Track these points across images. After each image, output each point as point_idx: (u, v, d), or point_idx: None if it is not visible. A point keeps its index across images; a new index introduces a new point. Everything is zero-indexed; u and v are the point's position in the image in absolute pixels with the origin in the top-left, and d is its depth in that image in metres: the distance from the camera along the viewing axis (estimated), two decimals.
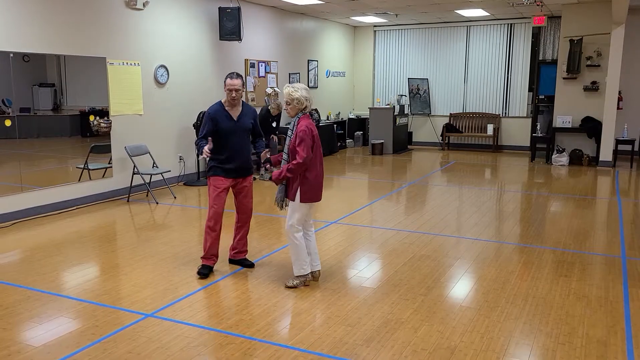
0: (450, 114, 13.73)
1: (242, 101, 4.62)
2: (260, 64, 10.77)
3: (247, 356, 3.23)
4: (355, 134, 14.01)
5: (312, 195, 4.20)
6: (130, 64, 7.85)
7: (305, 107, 4.16)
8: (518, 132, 13.22)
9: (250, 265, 4.81)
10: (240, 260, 4.84)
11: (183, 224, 6.33)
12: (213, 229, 4.52)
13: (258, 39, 10.69)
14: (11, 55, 6.32)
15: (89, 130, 7.58)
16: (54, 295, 4.16)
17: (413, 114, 13.90)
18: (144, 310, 3.87)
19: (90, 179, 7.49)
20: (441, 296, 4.19)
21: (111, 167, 7.77)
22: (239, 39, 9.29)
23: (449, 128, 13.58)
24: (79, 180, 7.38)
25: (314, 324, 3.68)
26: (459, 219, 6.69)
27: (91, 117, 7.51)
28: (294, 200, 4.19)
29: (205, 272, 4.54)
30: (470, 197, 8.01)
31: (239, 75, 4.47)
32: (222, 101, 4.54)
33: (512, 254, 5.26)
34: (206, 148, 4.33)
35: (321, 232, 6.00)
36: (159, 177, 8.09)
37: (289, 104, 4.15)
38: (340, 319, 3.75)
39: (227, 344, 3.39)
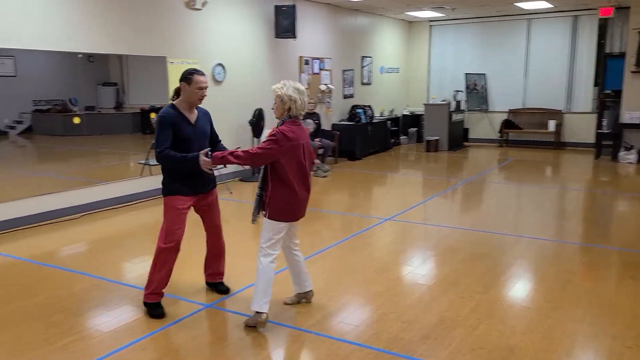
0: (509, 109, 13.34)
1: None
2: (314, 61, 10.83)
3: (304, 348, 3.27)
4: (409, 130, 13.85)
5: (284, 213, 3.51)
6: (190, 63, 8.06)
7: (290, 108, 3.46)
8: (582, 128, 12.68)
9: (225, 291, 4.10)
10: (215, 284, 4.17)
11: (239, 218, 6.46)
12: (169, 259, 3.74)
13: (312, 36, 10.75)
14: (79, 56, 6.63)
15: (149, 127, 7.86)
16: (119, 284, 4.35)
17: (470, 110, 13.60)
18: (204, 300, 3.98)
19: (151, 174, 7.76)
20: (500, 295, 4.10)
21: None
22: (294, 36, 9.37)
23: (507, 124, 13.20)
24: (141, 175, 7.66)
25: (370, 319, 3.68)
26: (518, 218, 6.51)
27: (152, 115, 7.78)
28: (265, 214, 3.54)
29: (158, 312, 3.70)
30: (530, 196, 7.77)
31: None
32: (175, 104, 3.71)
33: (574, 254, 5.08)
34: (203, 156, 3.51)
35: (375, 229, 5.99)
36: (216, 173, 8.27)
37: (275, 103, 3.52)
38: (395, 315, 3.73)
39: (286, 335, 3.44)
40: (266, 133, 8.92)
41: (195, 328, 3.53)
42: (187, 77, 3.64)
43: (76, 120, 6.87)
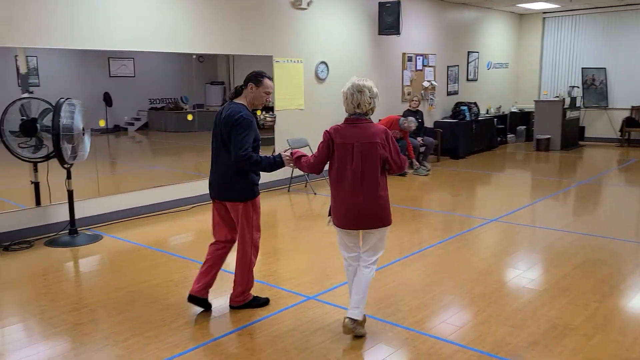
0: (632, 106, 12.26)
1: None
2: (418, 57, 10.66)
3: (405, 346, 3.24)
4: (518, 128, 13.20)
5: (338, 218, 3.30)
6: (294, 61, 8.28)
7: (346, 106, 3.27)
8: None
9: (209, 307, 3.79)
10: (199, 299, 3.77)
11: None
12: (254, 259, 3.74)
13: (416, 32, 10.58)
14: (194, 56, 7.04)
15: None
16: (227, 272, 4.55)
17: (586, 107, 12.69)
18: (306, 292, 4.07)
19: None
20: (619, 305, 3.79)
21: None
22: (398, 33, 9.28)
23: (629, 122, 12.15)
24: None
25: (474, 320, 3.56)
26: None
27: (258, 112, 8.07)
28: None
29: (264, 299, 3.86)
30: None
31: None
32: (244, 104, 3.57)
33: None
34: (286, 155, 3.50)
35: (479, 230, 5.78)
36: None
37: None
38: (502, 318, 3.58)
39: (386, 331, 3.43)
40: None
41: (298, 319, 3.62)
42: (258, 79, 3.54)
43: (189, 117, 7.30)
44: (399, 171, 3.34)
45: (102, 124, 6.36)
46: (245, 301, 3.81)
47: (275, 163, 3.49)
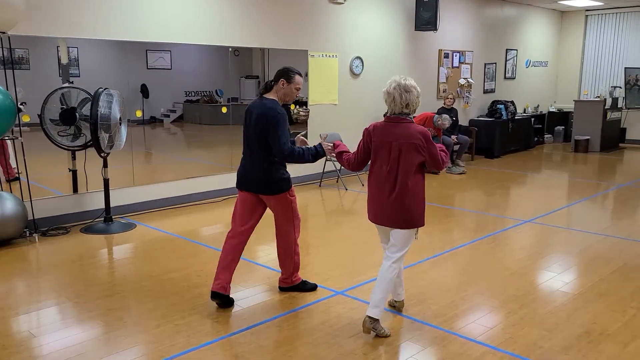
0: None
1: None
2: (454, 54, 10.50)
3: (434, 344, 3.20)
4: (556, 128, 12.88)
5: (369, 212, 3.36)
6: (329, 56, 8.26)
7: (389, 106, 3.28)
8: None
9: (313, 287, 4.00)
10: (293, 287, 4.02)
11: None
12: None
13: (453, 28, 10.42)
14: (230, 49, 7.10)
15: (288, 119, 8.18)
16: (257, 264, 4.60)
17: (628, 108, 12.29)
18: (335, 287, 4.06)
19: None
20: None
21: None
22: (435, 29, 9.15)
23: None
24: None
25: (505, 322, 3.49)
26: None
27: (292, 106, 8.09)
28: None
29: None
30: None
31: None
32: (275, 99, 3.63)
33: None
34: (326, 143, 3.60)
35: (513, 231, 5.66)
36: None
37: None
38: (534, 321, 3.50)
39: (414, 329, 3.39)
40: None
41: (325, 313, 3.62)
42: (290, 75, 3.59)
43: (224, 110, 7.37)
44: (439, 168, 3.31)
45: (138, 114, 6.47)
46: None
47: (318, 153, 3.59)
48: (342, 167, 8.08)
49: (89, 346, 3.17)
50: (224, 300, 3.69)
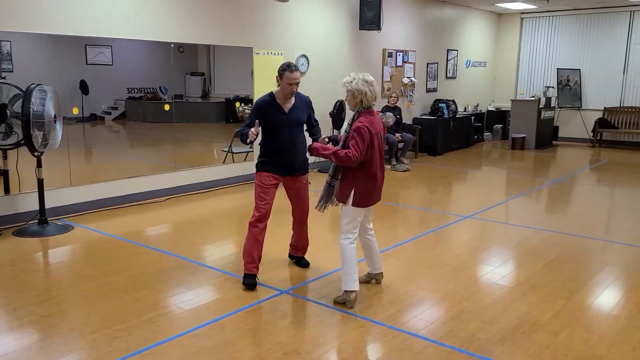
0: (605, 107, 12.52)
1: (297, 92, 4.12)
2: (398, 53, 10.69)
3: (377, 340, 3.26)
4: (494, 127, 13.36)
5: (366, 199, 3.69)
6: (274, 54, 8.23)
7: (361, 100, 3.62)
8: None
9: (306, 265, 4.45)
10: (297, 258, 4.54)
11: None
12: (254, 230, 4.05)
13: (397, 28, 10.61)
14: (172, 45, 6.94)
15: (232, 116, 8.10)
16: (201, 265, 4.53)
17: (561, 107, 12.90)
18: (280, 287, 4.06)
19: (233, 161, 8.01)
20: (586, 302, 3.87)
21: (252, 151, 8.24)
22: (379, 28, 9.28)
23: (602, 123, 12.39)
24: (224, 162, 7.92)
25: (445, 316, 3.60)
26: (610, 222, 6.11)
27: (237, 104, 8.02)
28: (345, 203, 3.68)
29: (250, 282, 4.00)
30: (625, 199, 7.26)
31: (297, 68, 4.02)
32: (274, 92, 4.06)
33: None
34: (252, 129, 3.85)
35: (454, 226, 5.84)
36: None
37: (347, 95, 3.71)
38: (473, 314, 3.62)
39: (358, 327, 3.44)
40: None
41: (270, 313, 3.61)
42: (280, 72, 3.95)
43: (166, 107, 7.20)
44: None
45: (75, 111, 6.23)
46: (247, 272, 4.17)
47: (243, 136, 3.95)
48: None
49: (20, 356, 3.03)
50: (253, 282, 4.03)
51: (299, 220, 4.37)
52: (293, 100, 4.08)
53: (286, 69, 3.92)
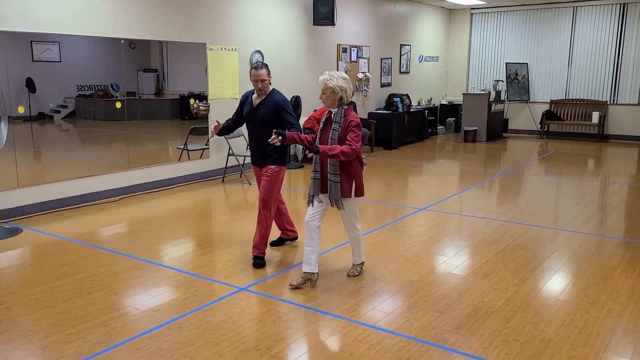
0: (551, 100, 12.99)
1: (274, 90, 4.43)
2: (352, 48, 10.77)
3: (335, 333, 3.29)
4: (447, 120, 13.66)
5: (363, 187, 4.00)
6: (228, 50, 8.15)
7: (341, 97, 3.82)
8: (627, 120, 12.26)
9: (293, 239, 5.01)
10: (285, 239, 5.02)
11: None
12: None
13: (351, 23, 10.68)
14: (122, 41, 6.77)
15: (187, 113, 7.98)
16: (157, 265, 4.46)
17: (510, 100, 13.31)
18: (238, 284, 4.04)
19: (189, 159, 7.90)
20: (536, 288, 4.02)
21: (208, 148, 8.15)
22: (333, 23, 9.33)
23: (549, 115, 12.86)
24: (179, 160, 7.80)
25: (401, 307, 3.67)
26: (557, 211, 6.36)
27: (191, 101, 7.90)
28: (350, 196, 3.91)
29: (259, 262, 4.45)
30: (571, 189, 7.57)
31: (264, 65, 4.31)
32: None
33: (616, 249, 4.93)
34: (212, 127, 4.46)
35: (410, 218, 5.95)
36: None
37: (323, 93, 3.84)
38: (428, 304, 3.71)
39: (316, 320, 3.47)
40: (303, 120, 8.95)
41: (228, 310, 3.60)
42: (250, 70, 4.36)
43: (118, 105, 7.03)
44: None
45: (21, 110, 6.00)
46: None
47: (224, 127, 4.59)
48: (245, 163, 8.06)
49: None
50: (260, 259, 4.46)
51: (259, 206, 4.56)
52: (265, 97, 4.39)
53: (253, 67, 4.32)
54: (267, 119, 4.34)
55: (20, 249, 4.88)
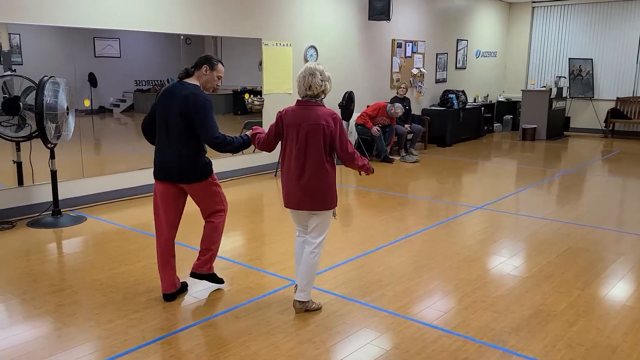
0: (618, 98, 12.39)
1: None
2: (407, 44, 10.63)
3: (390, 330, 3.26)
4: (504, 117, 13.27)
5: (283, 197, 3.46)
6: (283, 45, 8.20)
7: (324, 91, 3.34)
8: None
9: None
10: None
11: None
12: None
13: (406, 18, 10.53)
14: (181, 38, 6.94)
15: (239, 108, 8.10)
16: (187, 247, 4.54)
17: (572, 98, 12.79)
18: (292, 277, 4.06)
19: (242, 153, 8.01)
20: (600, 293, 3.85)
21: None
22: (388, 18, 9.23)
23: (614, 113, 12.28)
24: (233, 154, 7.91)
25: (458, 306, 3.59)
26: (623, 213, 6.06)
27: (246, 96, 8.01)
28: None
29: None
30: (637, 190, 7.20)
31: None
32: (198, 85, 3.55)
33: None
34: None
35: (464, 217, 5.82)
36: None
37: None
38: (486, 304, 3.61)
39: (371, 316, 3.44)
40: (355, 117, 8.92)
41: (284, 303, 3.62)
42: (212, 62, 3.52)
43: None
44: (347, 162, 3.37)
45: (87, 104, 6.25)
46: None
47: (244, 143, 3.56)
48: None
49: (37, 344, 3.06)
50: (177, 294, 3.69)
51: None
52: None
53: (219, 61, 3.55)
54: None
55: (84, 236, 5.09)
